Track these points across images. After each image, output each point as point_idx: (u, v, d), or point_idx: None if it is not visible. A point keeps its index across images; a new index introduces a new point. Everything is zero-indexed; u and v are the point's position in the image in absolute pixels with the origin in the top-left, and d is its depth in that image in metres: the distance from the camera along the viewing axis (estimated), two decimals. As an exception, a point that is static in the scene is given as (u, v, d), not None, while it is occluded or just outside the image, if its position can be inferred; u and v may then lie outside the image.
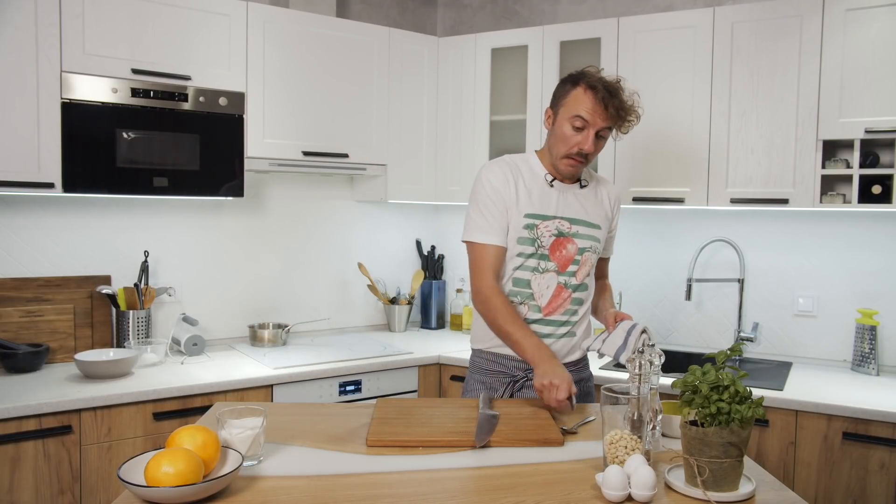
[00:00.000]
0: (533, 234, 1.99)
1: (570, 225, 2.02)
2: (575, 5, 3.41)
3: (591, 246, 2.06)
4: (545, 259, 2.00)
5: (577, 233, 2.02)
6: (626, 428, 1.41)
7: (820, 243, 2.89)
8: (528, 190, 2.00)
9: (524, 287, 2.01)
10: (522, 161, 2.07)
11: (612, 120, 1.93)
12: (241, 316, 3.13)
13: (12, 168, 2.29)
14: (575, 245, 2.02)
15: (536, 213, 1.99)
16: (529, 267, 2.00)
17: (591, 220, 2.06)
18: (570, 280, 2.03)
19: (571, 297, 2.04)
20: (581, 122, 1.92)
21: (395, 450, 1.55)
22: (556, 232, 2.00)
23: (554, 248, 2.00)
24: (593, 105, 1.91)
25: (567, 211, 2.03)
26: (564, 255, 2.01)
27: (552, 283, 2.01)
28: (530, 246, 1.99)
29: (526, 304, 2.02)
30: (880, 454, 2.22)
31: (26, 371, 2.45)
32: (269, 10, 2.80)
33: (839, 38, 2.52)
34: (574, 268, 2.03)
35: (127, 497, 1.28)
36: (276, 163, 2.84)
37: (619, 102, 1.92)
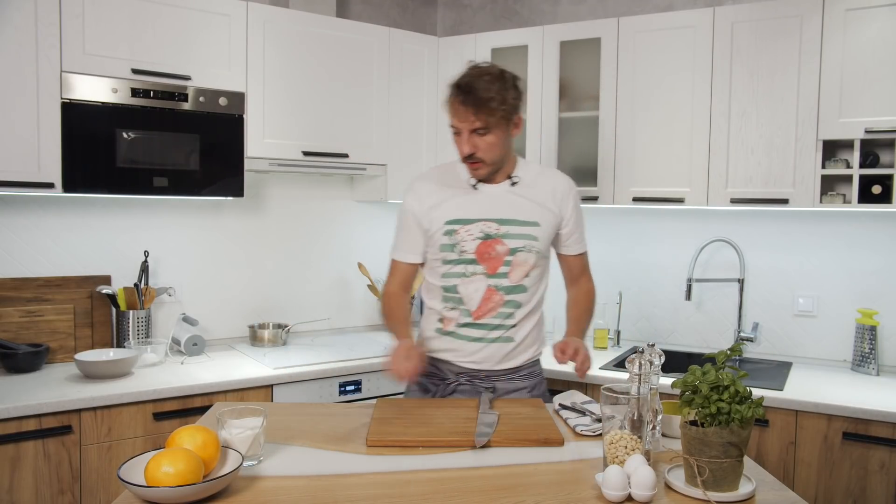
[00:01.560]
0: (453, 240, 1.97)
1: (498, 226, 1.97)
2: (575, 5, 3.41)
3: (526, 245, 1.97)
4: (472, 263, 1.97)
5: (506, 233, 1.96)
6: (626, 428, 1.41)
7: (820, 243, 2.89)
8: (450, 196, 2.00)
9: (453, 293, 2.00)
10: (448, 169, 2.08)
11: (477, 116, 1.86)
12: (241, 316, 3.13)
13: (12, 168, 2.29)
14: (505, 246, 1.96)
15: (457, 219, 1.97)
16: (456, 273, 1.98)
17: (524, 219, 1.98)
18: (500, 282, 1.97)
19: (504, 301, 1.98)
20: (455, 129, 1.92)
21: (395, 450, 1.55)
22: (482, 235, 1.96)
23: (481, 251, 1.96)
24: (455, 109, 1.89)
25: (494, 212, 1.97)
26: (493, 258, 1.97)
27: (481, 286, 1.97)
28: (451, 252, 1.98)
29: (457, 310, 2.00)
30: (880, 454, 2.22)
31: (26, 371, 2.45)
32: (269, 10, 2.80)
33: (839, 38, 2.52)
34: (505, 269, 1.97)
35: (127, 497, 1.28)
36: (276, 163, 2.84)
37: (473, 99, 1.85)
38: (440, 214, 1.99)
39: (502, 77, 1.90)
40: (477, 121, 1.86)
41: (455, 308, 2.01)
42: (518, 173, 2.02)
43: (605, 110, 2.96)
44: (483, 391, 1.97)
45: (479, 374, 2.01)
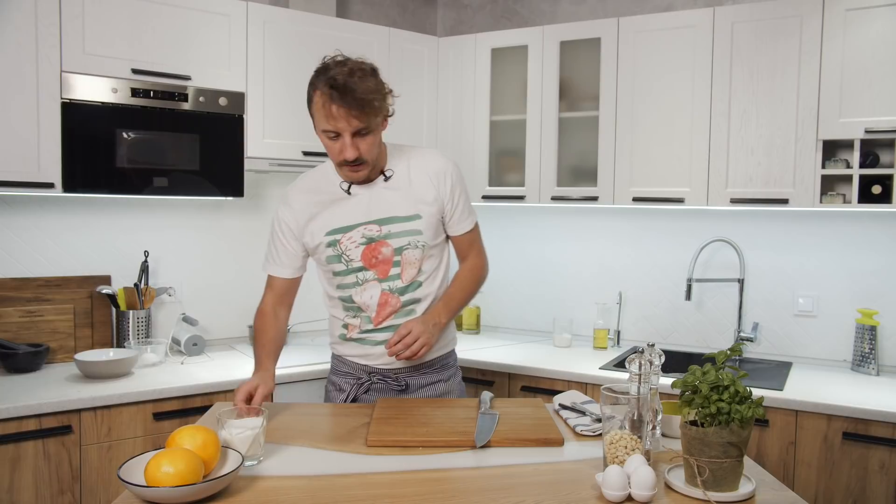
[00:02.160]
0: (337, 251, 1.91)
1: (379, 227, 1.88)
2: (575, 5, 3.41)
3: (411, 241, 1.90)
4: (361, 270, 1.91)
5: (388, 233, 1.89)
6: (626, 428, 1.41)
7: (820, 243, 2.89)
8: (325, 206, 1.91)
9: (349, 302, 1.96)
10: (318, 176, 1.95)
11: (359, 119, 1.72)
12: (241, 316, 3.12)
13: (12, 168, 2.29)
14: (389, 247, 1.89)
15: (336, 228, 1.90)
16: (348, 283, 1.93)
17: (404, 214, 1.89)
18: (394, 284, 1.91)
19: (402, 301, 1.93)
20: (331, 134, 1.76)
21: (395, 450, 1.55)
22: (364, 240, 1.89)
23: (366, 256, 1.90)
24: (330, 111, 1.71)
25: (372, 213, 1.89)
26: (381, 261, 1.90)
27: (375, 292, 1.92)
28: (338, 263, 1.91)
29: (358, 317, 1.97)
30: (880, 454, 2.22)
31: (26, 371, 2.45)
32: (269, 10, 2.80)
33: (839, 38, 2.52)
34: (396, 270, 1.90)
35: (127, 497, 1.28)
36: (276, 163, 2.84)
37: (355, 100, 1.70)
38: (319, 226, 1.91)
39: (373, 71, 1.79)
40: (359, 122, 1.73)
41: (356, 316, 1.97)
42: (391, 165, 1.92)
43: (605, 110, 2.96)
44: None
45: (390, 374, 1.99)
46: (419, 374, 2.02)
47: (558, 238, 3.44)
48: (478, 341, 3.25)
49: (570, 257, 3.41)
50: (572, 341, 3.20)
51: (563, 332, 3.18)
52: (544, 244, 3.48)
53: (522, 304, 3.53)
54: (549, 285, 3.46)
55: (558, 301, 3.41)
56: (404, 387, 2.00)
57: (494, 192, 3.21)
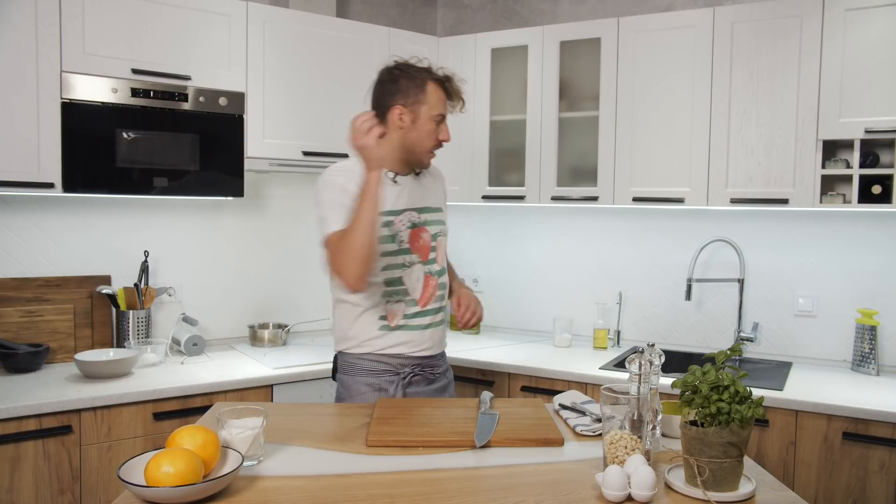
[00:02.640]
0: (392, 231, 2.01)
1: (418, 214, 2.06)
2: (575, 5, 3.41)
3: (441, 229, 2.13)
4: (408, 253, 2.03)
5: (426, 220, 2.08)
6: (626, 428, 1.41)
7: (820, 243, 2.89)
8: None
9: (398, 285, 2.01)
10: (355, 167, 1.94)
11: (455, 107, 2.05)
12: (241, 316, 3.13)
13: (12, 168, 2.29)
14: (428, 233, 2.08)
15: (389, 210, 2.00)
16: (397, 264, 2.01)
17: (434, 205, 2.13)
18: (433, 267, 2.08)
19: (438, 284, 2.09)
20: (440, 118, 2.01)
21: (395, 450, 1.55)
22: (410, 224, 2.04)
23: (412, 239, 2.04)
24: (446, 98, 2.01)
25: (413, 202, 2.07)
26: (423, 245, 2.06)
27: (420, 274, 2.05)
28: (392, 243, 2.00)
29: (402, 301, 2.02)
30: (880, 454, 2.22)
31: (26, 371, 2.45)
32: (269, 10, 2.80)
33: (839, 38, 2.52)
34: (433, 255, 2.08)
35: (127, 497, 1.28)
36: (277, 163, 2.84)
37: (456, 89, 2.03)
38: None
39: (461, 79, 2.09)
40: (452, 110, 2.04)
41: (400, 300, 2.02)
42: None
43: (605, 110, 2.96)
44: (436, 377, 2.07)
45: (427, 361, 2.07)
46: (441, 359, 2.14)
47: (558, 238, 3.44)
48: (478, 341, 3.25)
49: (570, 257, 3.41)
50: (572, 341, 3.20)
51: (563, 332, 3.18)
52: (544, 244, 3.48)
53: (522, 304, 3.53)
54: (549, 285, 3.46)
55: (558, 301, 3.41)
56: (436, 376, 2.08)
57: (494, 192, 3.21)
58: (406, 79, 2.00)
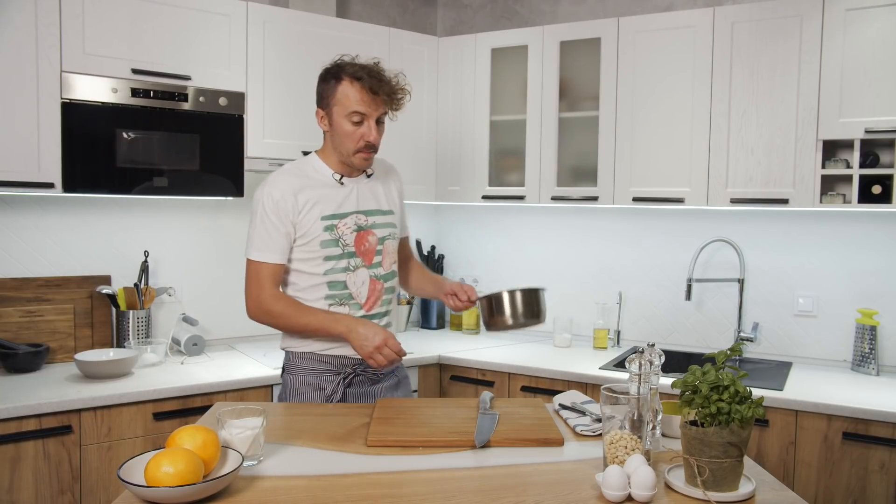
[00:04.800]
0: (335, 235, 1.97)
1: (366, 217, 2.02)
2: (575, 5, 3.41)
3: (390, 233, 2.08)
4: (353, 256, 1.99)
5: (374, 223, 2.03)
6: (626, 428, 1.41)
7: (820, 243, 2.89)
8: (320, 193, 1.97)
9: (341, 289, 1.98)
10: (307, 166, 2.03)
11: (387, 105, 1.94)
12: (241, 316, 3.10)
13: (12, 168, 2.29)
14: (375, 236, 2.03)
15: (333, 214, 1.97)
16: (341, 268, 1.98)
17: (384, 208, 2.08)
18: (378, 271, 2.04)
19: (384, 288, 2.06)
20: (359, 116, 1.92)
21: (395, 450, 1.55)
22: (356, 227, 2.00)
23: (358, 242, 2.01)
24: (364, 96, 1.91)
25: (361, 204, 2.03)
26: (368, 248, 2.02)
27: (365, 277, 2.01)
28: (336, 247, 1.97)
29: (346, 305, 1.99)
30: (880, 454, 2.22)
31: (26, 371, 2.45)
32: (269, 10, 2.80)
33: (839, 38, 2.52)
34: (378, 258, 2.04)
35: (127, 497, 1.28)
36: (276, 163, 2.83)
37: (387, 87, 1.92)
38: (316, 211, 1.95)
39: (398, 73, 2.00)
40: (384, 109, 1.94)
41: (343, 303, 1.99)
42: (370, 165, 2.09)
43: (605, 110, 2.96)
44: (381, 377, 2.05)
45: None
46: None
47: (558, 238, 3.44)
48: (478, 341, 3.25)
49: (570, 257, 3.41)
50: (572, 341, 3.20)
51: (563, 332, 3.18)
52: (544, 244, 3.48)
53: (522, 304, 3.53)
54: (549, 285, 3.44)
55: (558, 301, 3.41)
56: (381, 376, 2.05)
57: (494, 192, 3.21)
58: (323, 80, 1.99)
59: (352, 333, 1.88)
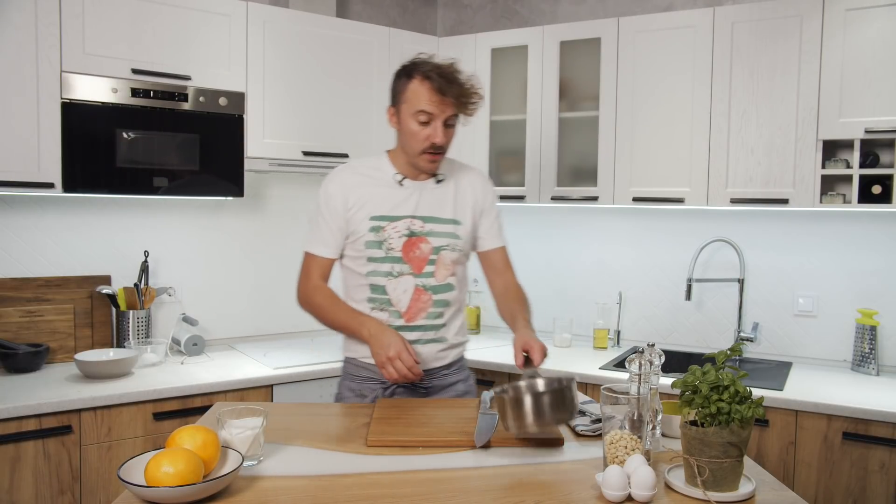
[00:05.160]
0: (380, 237, 1.91)
1: (422, 223, 1.94)
2: (575, 5, 3.41)
3: (449, 244, 1.96)
4: (398, 262, 1.92)
5: (430, 231, 1.94)
6: (626, 428, 1.41)
7: (820, 243, 2.89)
8: (374, 192, 1.94)
9: (381, 293, 1.94)
10: (371, 164, 2.00)
11: (455, 107, 1.86)
12: (241, 316, 3.13)
13: (12, 168, 2.29)
14: (429, 244, 1.93)
15: (383, 215, 1.92)
16: (383, 272, 1.92)
17: (447, 217, 1.97)
18: (427, 281, 1.94)
19: (433, 300, 1.95)
20: (426, 116, 1.86)
21: (395, 450, 1.55)
22: (408, 232, 1.92)
23: (407, 249, 1.92)
24: (432, 96, 1.84)
25: (420, 209, 1.94)
26: (418, 256, 1.93)
27: (409, 286, 1.93)
28: (378, 249, 1.92)
29: (386, 311, 1.94)
30: (880, 454, 2.22)
31: (26, 371, 2.45)
32: (269, 10, 2.80)
33: (839, 38, 2.52)
34: (430, 268, 1.94)
35: (127, 497, 1.28)
36: (276, 163, 2.84)
37: (458, 89, 1.84)
38: (366, 210, 1.92)
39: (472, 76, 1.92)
40: (454, 111, 1.86)
41: (384, 309, 1.94)
42: (442, 171, 2.00)
43: (605, 110, 2.96)
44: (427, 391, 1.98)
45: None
46: (440, 376, 2.01)
47: (558, 238, 3.44)
48: (478, 341, 3.25)
49: (570, 257, 3.41)
50: (572, 341, 3.20)
51: (563, 331, 3.18)
52: (544, 244, 3.48)
53: (522, 304, 3.53)
54: (549, 285, 3.45)
55: (558, 301, 3.41)
56: (428, 389, 1.98)
57: (494, 192, 3.21)
58: (396, 77, 1.95)
59: (372, 339, 1.83)
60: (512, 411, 1.53)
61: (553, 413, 1.51)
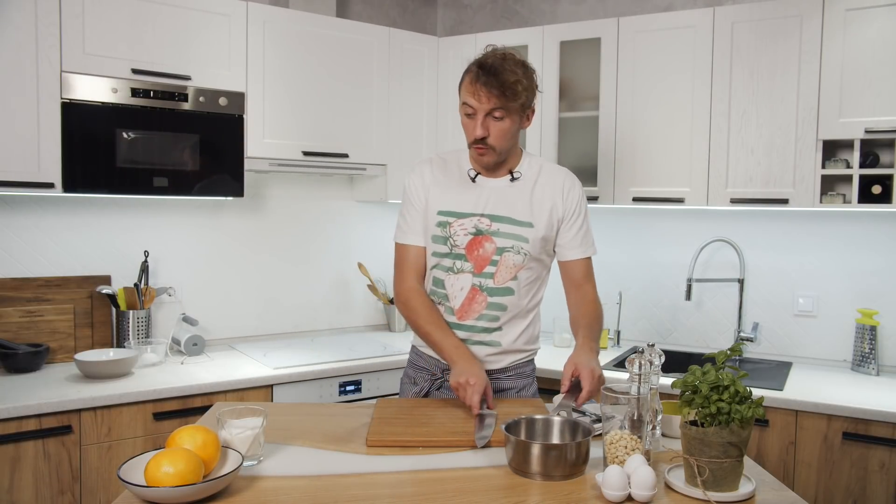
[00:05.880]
0: (446, 233, 1.90)
1: (490, 222, 1.89)
2: (575, 5, 3.41)
3: (515, 246, 1.88)
4: (461, 259, 1.89)
5: (497, 231, 1.88)
6: (626, 428, 1.41)
7: (820, 243, 2.89)
8: (447, 186, 1.92)
9: (440, 287, 1.94)
10: (452, 157, 1.99)
11: (498, 99, 1.78)
12: (241, 316, 3.13)
13: (12, 168, 2.29)
14: (493, 244, 1.88)
15: (451, 211, 1.90)
16: (445, 267, 1.92)
17: (519, 218, 1.89)
18: (485, 282, 1.89)
19: (488, 302, 1.90)
20: (469, 109, 1.82)
21: (395, 450, 1.55)
22: (474, 230, 1.89)
23: (471, 247, 1.89)
24: (474, 89, 1.79)
25: (490, 207, 1.89)
26: (481, 255, 1.89)
27: (466, 284, 1.90)
28: (443, 245, 1.90)
29: (442, 305, 1.94)
30: (880, 454, 2.22)
31: (26, 371, 2.45)
32: (269, 10, 2.80)
33: (839, 38, 2.52)
34: (491, 269, 1.89)
35: (127, 497, 1.28)
36: (276, 163, 2.84)
37: (498, 80, 1.76)
38: (435, 204, 1.92)
39: (525, 65, 1.85)
40: (496, 103, 1.78)
41: (441, 303, 1.94)
42: (520, 168, 1.94)
43: (605, 110, 2.96)
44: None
45: None
46: (491, 378, 1.92)
47: (558, 238, 3.44)
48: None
49: (570, 257, 3.41)
50: (572, 341, 3.19)
51: (563, 332, 3.18)
52: (544, 244, 3.47)
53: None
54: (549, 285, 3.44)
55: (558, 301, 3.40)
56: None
57: (494, 192, 3.21)
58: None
59: (453, 364, 1.81)
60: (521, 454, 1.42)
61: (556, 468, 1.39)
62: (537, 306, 2.02)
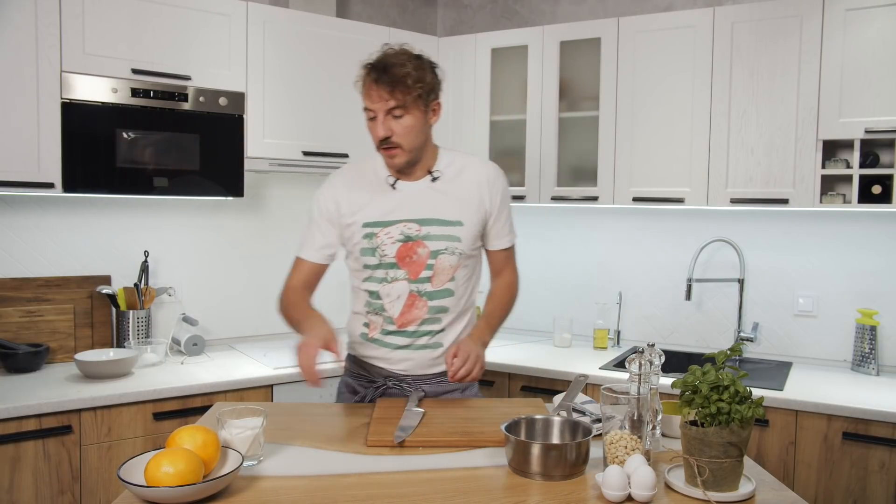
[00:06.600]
0: (373, 244, 1.86)
1: (419, 227, 1.84)
2: (575, 5, 3.41)
3: (448, 247, 1.85)
4: (393, 268, 1.85)
5: (428, 234, 1.84)
6: (626, 428, 1.41)
7: (820, 243, 2.89)
8: (368, 197, 1.88)
9: (375, 298, 1.90)
10: (368, 165, 1.94)
11: (393, 96, 1.75)
12: (241, 316, 3.13)
13: (12, 168, 2.29)
14: (426, 248, 1.85)
15: (375, 221, 1.86)
16: (378, 278, 1.88)
17: (447, 218, 1.86)
18: (423, 287, 1.86)
19: (429, 306, 1.87)
20: (370, 113, 1.80)
21: (395, 450, 1.55)
22: (402, 237, 1.84)
23: (401, 254, 1.85)
24: (369, 89, 1.78)
25: (414, 212, 1.85)
26: (415, 261, 1.85)
27: (403, 291, 1.86)
28: (372, 256, 1.86)
29: (380, 315, 1.90)
30: (880, 454, 2.22)
31: (26, 371, 2.45)
32: (269, 10, 2.80)
33: (839, 38, 2.52)
34: (427, 273, 1.85)
35: (127, 497, 1.28)
36: (276, 163, 2.84)
37: (388, 77, 1.74)
38: (358, 217, 1.87)
39: (419, 57, 1.81)
40: (392, 100, 1.75)
41: (378, 314, 1.91)
42: (439, 167, 1.90)
43: (605, 110, 2.96)
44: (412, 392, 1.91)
45: (407, 379, 1.93)
46: (436, 382, 1.95)
47: (558, 238, 3.44)
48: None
49: (570, 257, 3.41)
50: (572, 341, 3.20)
51: (563, 331, 3.18)
52: (544, 244, 3.48)
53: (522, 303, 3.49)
54: (549, 285, 3.46)
55: (558, 301, 3.41)
56: (421, 393, 1.93)
57: (494, 192, 3.21)
58: None
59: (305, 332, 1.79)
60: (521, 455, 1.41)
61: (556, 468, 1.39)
62: (473, 303, 2.00)
